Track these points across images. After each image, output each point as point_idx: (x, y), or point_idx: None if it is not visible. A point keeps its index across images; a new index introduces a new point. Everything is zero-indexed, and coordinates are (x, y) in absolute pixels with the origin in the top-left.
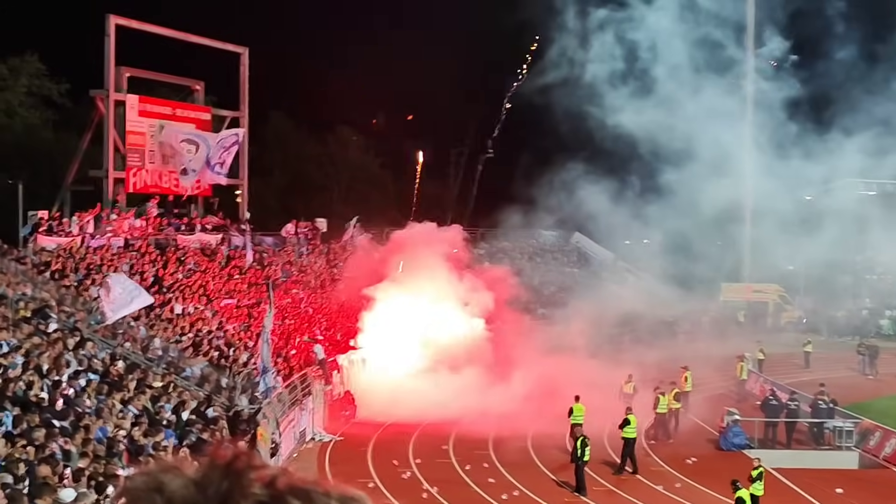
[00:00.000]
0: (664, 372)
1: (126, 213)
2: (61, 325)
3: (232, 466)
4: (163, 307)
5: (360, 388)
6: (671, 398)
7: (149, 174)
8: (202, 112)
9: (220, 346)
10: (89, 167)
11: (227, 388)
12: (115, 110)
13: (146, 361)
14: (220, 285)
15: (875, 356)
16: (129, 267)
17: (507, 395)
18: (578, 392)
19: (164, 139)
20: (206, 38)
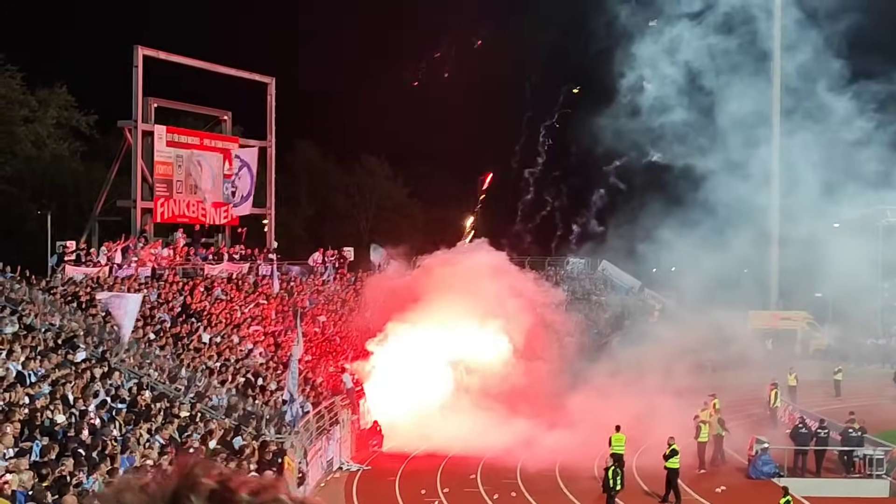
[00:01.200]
0: (693, 400)
1: (153, 242)
2: (89, 354)
3: (184, 471)
4: (190, 336)
5: (388, 418)
6: (714, 426)
7: (176, 204)
8: (230, 142)
9: (247, 374)
10: (117, 197)
11: (255, 417)
12: (143, 141)
13: (173, 391)
14: (246, 314)
15: None
16: (157, 296)
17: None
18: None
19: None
20: (233, 69)
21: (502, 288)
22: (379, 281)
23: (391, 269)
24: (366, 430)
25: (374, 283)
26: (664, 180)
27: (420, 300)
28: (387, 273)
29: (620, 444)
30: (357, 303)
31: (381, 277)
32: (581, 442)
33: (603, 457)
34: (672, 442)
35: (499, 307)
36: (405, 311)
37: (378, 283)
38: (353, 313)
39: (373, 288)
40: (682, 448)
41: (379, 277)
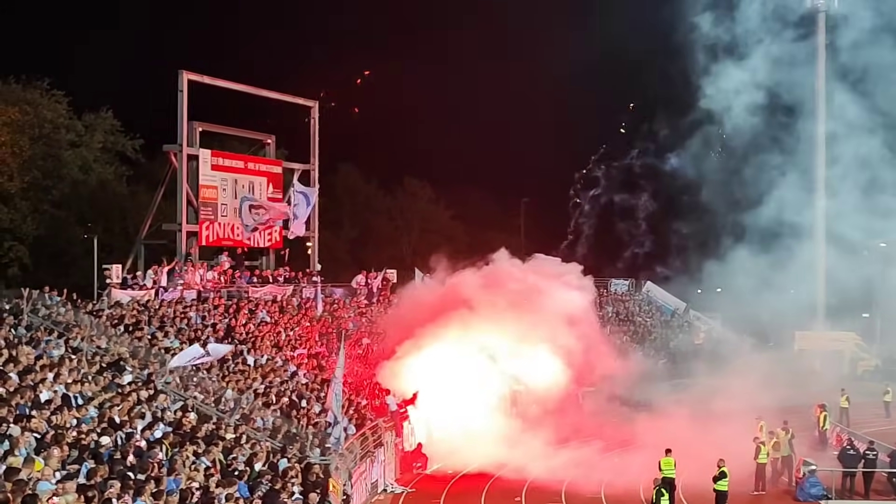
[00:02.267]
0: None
1: (199, 265)
2: (135, 377)
3: None
4: (235, 358)
5: (433, 439)
6: (771, 448)
7: (221, 227)
8: (273, 165)
9: (291, 396)
10: (162, 221)
11: (299, 439)
12: (188, 164)
13: (218, 413)
14: (290, 336)
15: None
16: (202, 318)
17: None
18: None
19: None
20: (276, 92)
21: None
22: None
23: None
24: (410, 452)
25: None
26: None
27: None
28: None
29: (670, 467)
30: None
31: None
32: (629, 466)
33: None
34: (722, 464)
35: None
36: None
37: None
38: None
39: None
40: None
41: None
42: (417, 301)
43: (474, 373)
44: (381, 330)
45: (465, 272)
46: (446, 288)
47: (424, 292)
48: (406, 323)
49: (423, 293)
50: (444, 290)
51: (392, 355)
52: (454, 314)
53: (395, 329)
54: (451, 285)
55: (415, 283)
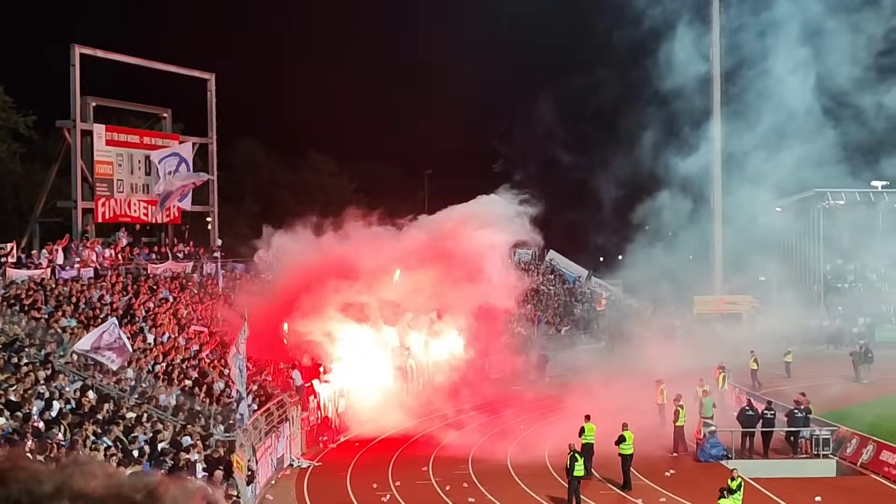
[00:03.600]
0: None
1: (95, 242)
2: (32, 358)
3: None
4: (135, 337)
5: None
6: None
7: (117, 203)
8: (170, 139)
9: (194, 374)
10: (58, 198)
11: (203, 416)
12: (82, 140)
13: (119, 392)
14: (192, 313)
15: (869, 361)
16: (99, 297)
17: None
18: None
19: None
20: (171, 65)
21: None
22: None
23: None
24: (316, 425)
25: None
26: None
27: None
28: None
29: (592, 433)
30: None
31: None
32: (537, 433)
33: (555, 446)
34: (625, 428)
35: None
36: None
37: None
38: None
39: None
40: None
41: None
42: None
43: (371, 345)
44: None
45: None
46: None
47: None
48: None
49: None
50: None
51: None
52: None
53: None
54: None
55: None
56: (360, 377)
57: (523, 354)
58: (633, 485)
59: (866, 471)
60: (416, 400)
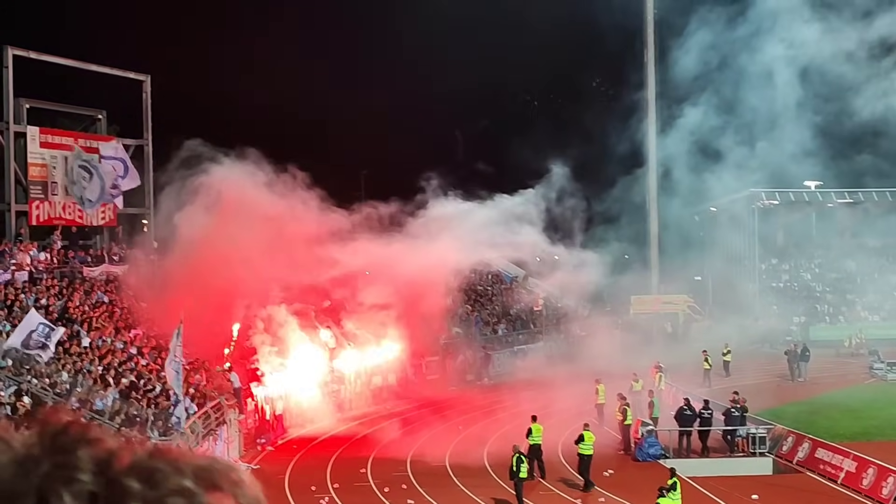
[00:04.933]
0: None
1: (30, 246)
2: None
3: (59, 440)
4: (71, 340)
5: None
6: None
7: (52, 206)
8: (105, 142)
9: (131, 378)
10: None
11: (139, 420)
12: (16, 142)
13: (55, 396)
14: (128, 315)
15: (805, 360)
16: (34, 300)
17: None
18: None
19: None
20: (106, 67)
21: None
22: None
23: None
24: (254, 428)
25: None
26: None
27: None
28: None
29: (539, 434)
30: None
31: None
32: (476, 434)
33: (495, 446)
34: (586, 428)
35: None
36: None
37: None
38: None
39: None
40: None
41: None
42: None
43: (308, 345)
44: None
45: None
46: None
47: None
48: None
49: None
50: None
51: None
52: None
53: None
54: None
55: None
56: (298, 379)
57: (460, 355)
58: (570, 484)
59: (802, 468)
60: (354, 401)
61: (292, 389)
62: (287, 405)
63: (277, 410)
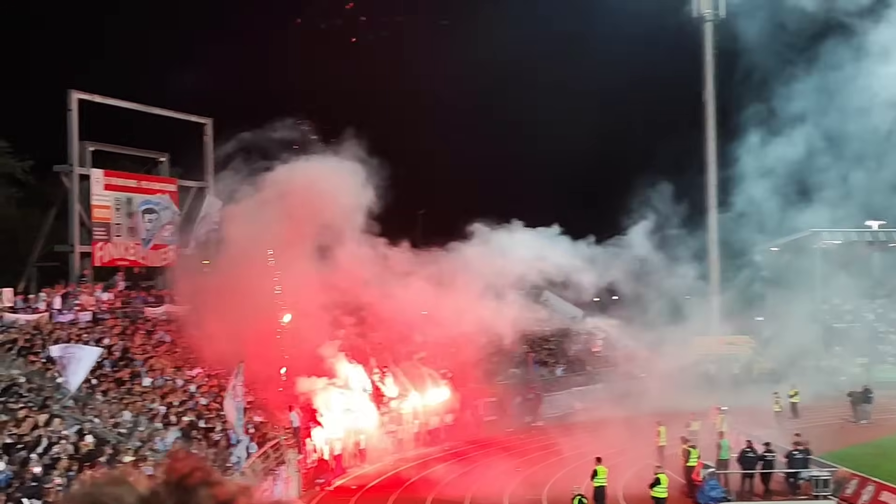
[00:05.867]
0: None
1: (93, 286)
2: (29, 402)
3: (185, 482)
4: (133, 380)
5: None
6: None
7: (115, 247)
8: (167, 183)
9: (191, 417)
10: (55, 242)
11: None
12: (80, 185)
13: (117, 436)
14: (189, 356)
15: (868, 401)
16: (97, 341)
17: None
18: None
19: (131, 210)
20: (168, 110)
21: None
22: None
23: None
24: (312, 468)
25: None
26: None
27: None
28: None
29: (604, 475)
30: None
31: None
32: (534, 476)
33: (554, 488)
34: (660, 471)
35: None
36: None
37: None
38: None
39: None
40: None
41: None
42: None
43: (366, 387)
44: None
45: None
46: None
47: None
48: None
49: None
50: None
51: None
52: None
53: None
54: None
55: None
56: (356, 420)
57: (518, 396)
58: None
59: None
60: (412, 442)
61: (350, 430)
62: (345, 446)
63: (336, 451)
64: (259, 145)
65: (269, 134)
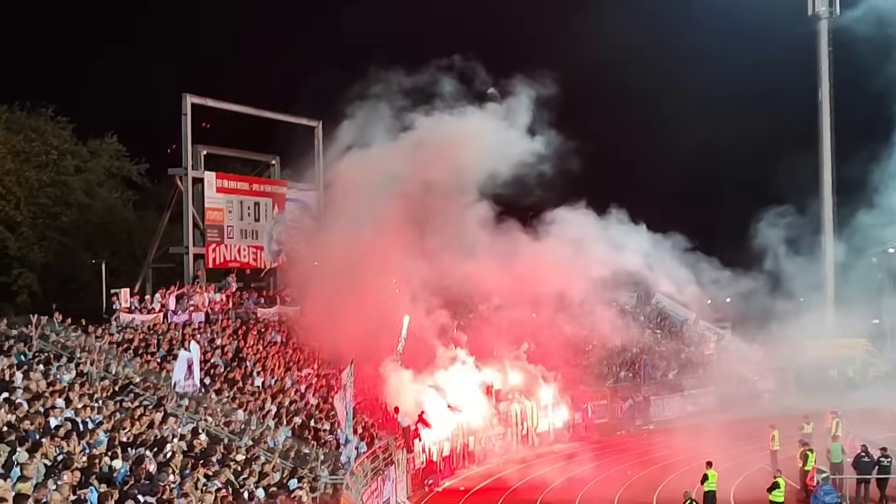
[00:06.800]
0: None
1: (209, 289)
2: (145, 401)
3: None
4: (244, 380)
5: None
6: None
7: (227, 249)
8: (278, 186)
9: (302, 417)
10: (170, 244)
11: (310, 459)
12: (194, 188)
13: (230, 435)
14: (299, 356)
15: None
16: (209, 341)
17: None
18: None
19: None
20: (279, 113)
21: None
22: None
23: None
24: (422, 468)
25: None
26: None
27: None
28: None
29: (714, 480)
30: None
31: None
32: (645, 478)
33: (665, 492)
34: (779, 474)
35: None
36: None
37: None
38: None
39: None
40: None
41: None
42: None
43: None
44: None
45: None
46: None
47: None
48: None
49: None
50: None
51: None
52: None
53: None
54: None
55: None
56: (465, 420)
57: (629, 398)
58: None
59: None
60: (521, 444)
61: (459, 431)
62: (454, 446)
63: (444, 451)
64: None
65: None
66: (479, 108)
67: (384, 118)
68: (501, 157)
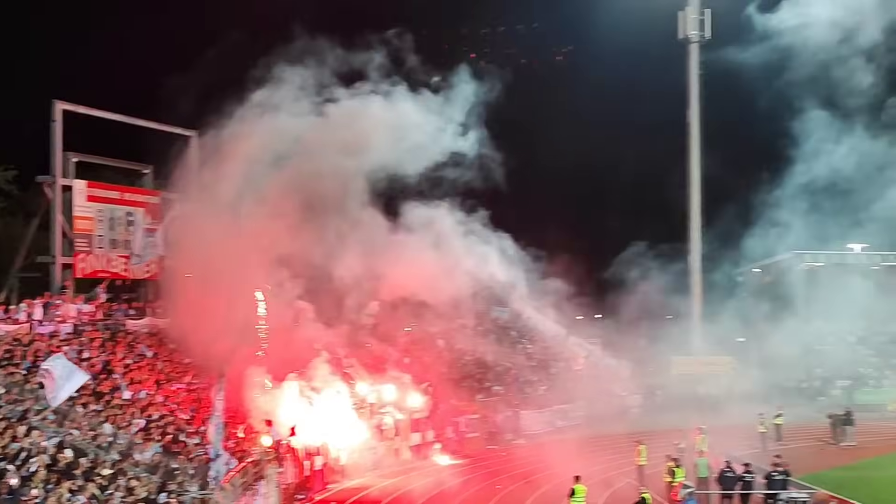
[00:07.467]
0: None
1: (77, 299)
2: (8, 413)
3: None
4: (112, 393)
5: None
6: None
7: (97, 259)
8: (151, 195)
9: (171, 431)
10: (37, 253)
11: (179, 474)
12: (63, 196)
13: (96, 449)
14: (170, 370)
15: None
16: (78, 353)
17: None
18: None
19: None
20: (153, 122)
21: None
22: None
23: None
24: (293, 483)
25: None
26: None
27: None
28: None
29: (583, 494)
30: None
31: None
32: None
33: None
34: (643, 490)
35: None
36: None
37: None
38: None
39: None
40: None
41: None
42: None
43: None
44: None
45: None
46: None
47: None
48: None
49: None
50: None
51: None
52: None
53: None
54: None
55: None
56: (337, 434)
57: (499, 413)
58: None
59: None
60: (393, 458)
61: (331, 444)
62: (326, 460)
63: (317, 466)
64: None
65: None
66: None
67: (302, 87)
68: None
